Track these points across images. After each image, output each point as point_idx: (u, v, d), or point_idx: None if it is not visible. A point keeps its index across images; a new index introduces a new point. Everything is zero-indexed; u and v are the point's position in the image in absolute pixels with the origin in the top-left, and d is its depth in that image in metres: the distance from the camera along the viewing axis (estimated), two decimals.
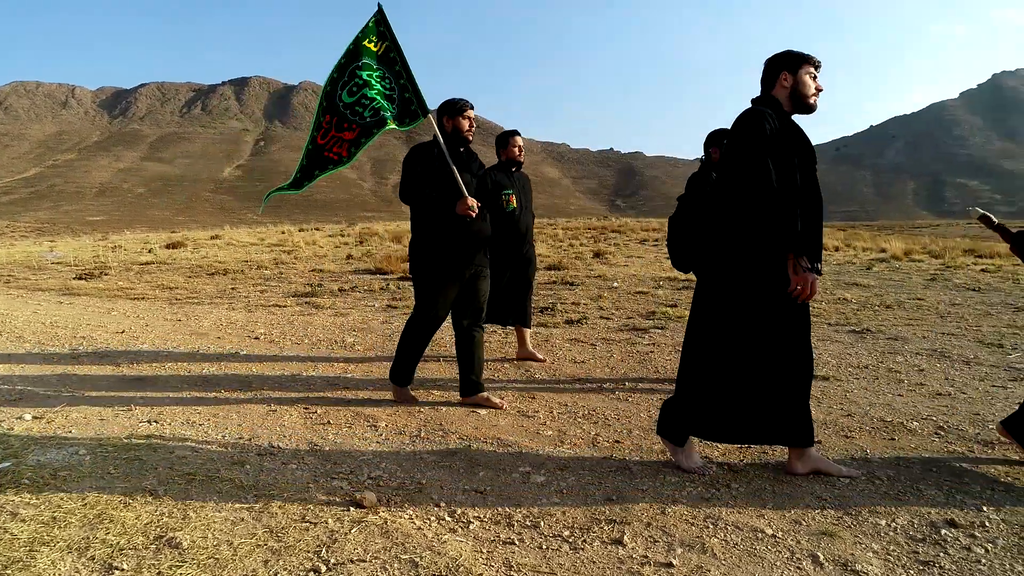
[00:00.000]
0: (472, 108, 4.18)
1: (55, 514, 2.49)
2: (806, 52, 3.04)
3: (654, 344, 6.20)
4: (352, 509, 2.61)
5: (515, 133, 5.42)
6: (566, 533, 2.46)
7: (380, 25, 4.12)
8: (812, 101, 3.03)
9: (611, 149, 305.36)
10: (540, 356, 5.58)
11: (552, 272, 12.29)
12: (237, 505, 2.63)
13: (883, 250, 15.52)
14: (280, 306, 8.73)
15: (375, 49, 4.13)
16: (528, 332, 5.68)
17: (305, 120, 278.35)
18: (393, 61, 4.18)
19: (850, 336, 6.57)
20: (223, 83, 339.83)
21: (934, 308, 8.10)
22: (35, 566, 2.12)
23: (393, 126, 4.09)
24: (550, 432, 3.67)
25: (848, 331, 6.82)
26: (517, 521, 2.55)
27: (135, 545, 2.27)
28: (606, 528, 2.49)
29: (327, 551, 2.27)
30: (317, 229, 32.60)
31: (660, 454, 3.32)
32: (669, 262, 14.17)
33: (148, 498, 2.66)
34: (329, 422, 3.80)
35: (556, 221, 33.43)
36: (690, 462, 3.08)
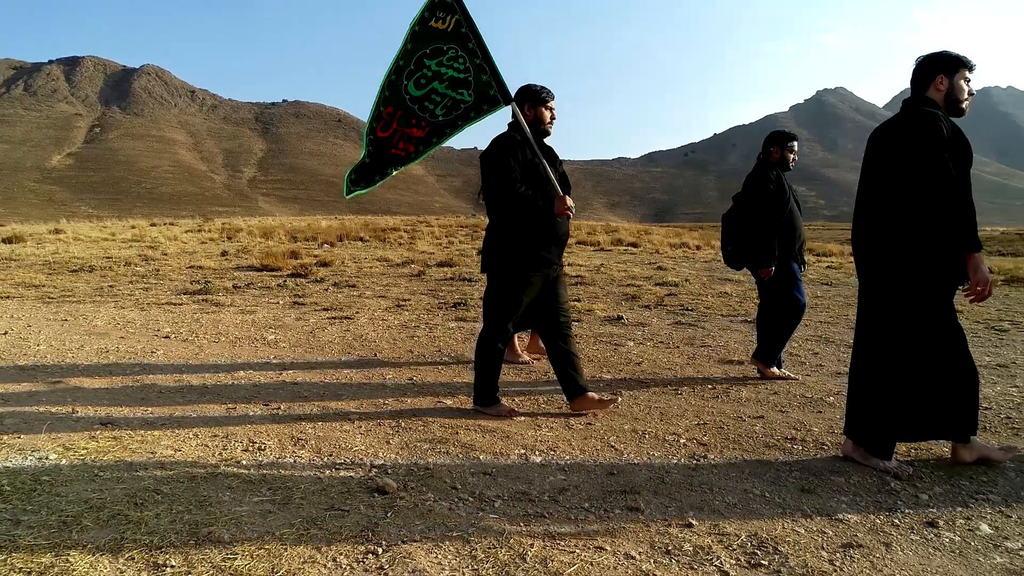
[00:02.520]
0: (554, 97, 3.89)
1: (63, 519, 2.34)
2: (961, 54, 3.03)
3: (576, 336, 6.51)
4: (377, 495, 2.65)
5: None
6: (586, 505, 2.65)
7: None
8: (964, 106, 3.05)
9: (475, 148, 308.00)
10: (525, 358, 5.43)
11: (446, 269, 12.42)
12: (256, 499, 2.59)
13: None
14: (175, 304, 8.24)
15: (443, 27, 3.67)
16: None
17: (148, 106, 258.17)
18: (466, 37, 3.68)
19: (745, 326, 7.22)
20: (50, 62, 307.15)
21: None
22: (75, 570, 2.01)
23: (468, 126, 3.73)
24: (523, 417, 3.84)
25: (742, 322, 7.49)
26: (536, 497, 2.71)
27: (173, 542, 2.20)
28: (618, 498, 2.71)
29: (373, 534, 2.32)
30: (172, 224, 30.48)
31: (632, 433, 3.59)
32: (582, 260, 14.53)
33: (157, 497, 2.55)
34: (300, 418, 3.75)
35: (425, 219, 33.44)
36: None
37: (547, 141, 3.94)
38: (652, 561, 2.20)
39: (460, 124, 3.73)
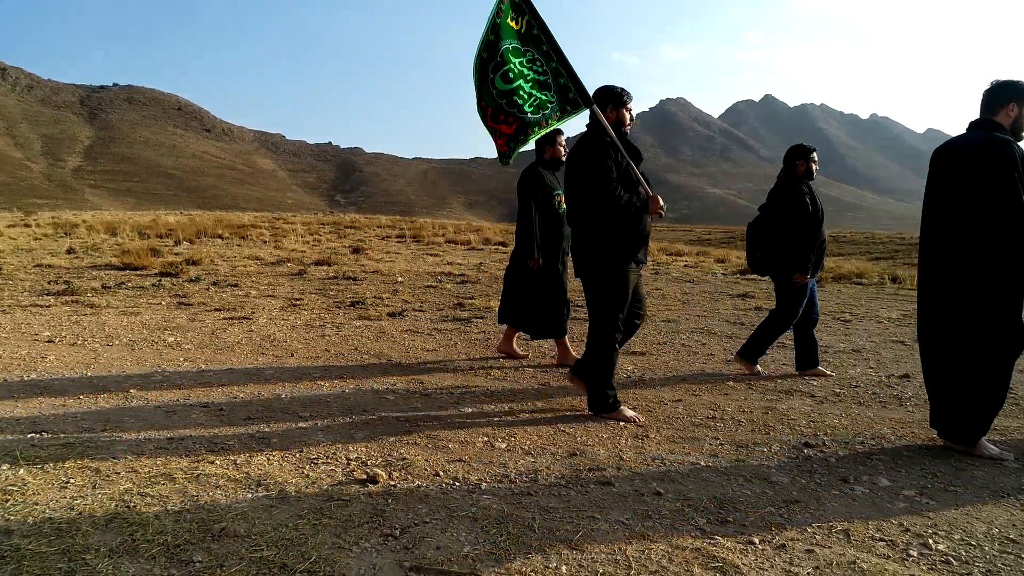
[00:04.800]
0: (632, 98, 3.90)
1: (56, 526, 2.25)
2: None
3: (485, 332, 6.76)
4: (370, 484, 2.76)
5: (559, 131, 5.18)
6: (563, 483, 2.90)
7: None
8: None
9: (330, 143, 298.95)
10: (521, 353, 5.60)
11: (326, 267, 12.24)
12: (250, 496, 2.61)
13: None
14: (42, 305, 7.56)
15: (517, 27, 3.61)
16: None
17: None
18: (539, 40, 3.61)
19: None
20: None
21: (676, 297, 9.84)
22: (99, 572, 1.98)
23: (558, 125, 3.66)
24: (469, 409, 4.03)
25: None
26: (515, 479, 2.92)
27: (189, 540, 2.20)
28: (589, 475, 2.99)
29: (384, 520, 2.44)
30: None
31: (575, 419, 3.89)
32: (458, 258, 14.86)
33: (147, 499, 2.50)
34: (249, 418, 3.71)
35: (282, 215, 32.28)
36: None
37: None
38: (640, 524, 2.50)
39: (549, 122, 3.68)
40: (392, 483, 2.80)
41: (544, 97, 3.67)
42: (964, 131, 3.45)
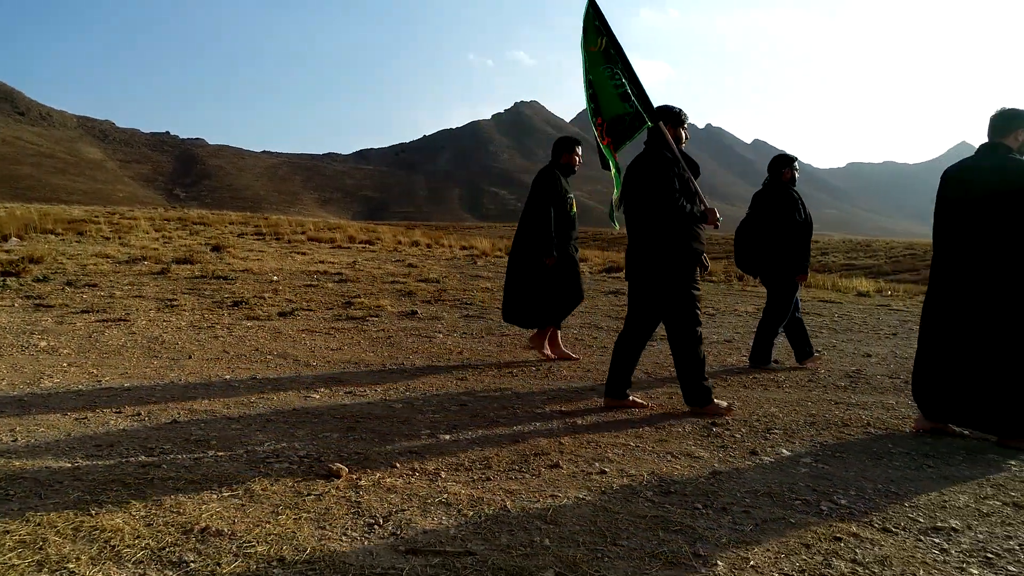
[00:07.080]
0: (688, 118, 4.22)
1: (19, 539, 2.11)
2: None
3: (385, 330, 6.78)
4: (334, 479, 2.78)
5: (579, 142, 5.72)
6: (516, 468, 3.08)
7: (596, 19, 3.80)
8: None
9: (167, 133, 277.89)
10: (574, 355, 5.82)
11: (190, 266, 11.59)
12: (215, 496, 2.56)
13: (467, 247, 18.16)
14: None
15: (595, 49, 3.92)
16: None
17: None
18: (615, 60, 3.90)
19: None
20: None
21: None
22: None
23: (626, 145, 3.92)
24: (400, 405, 4.10)
25: None
26: (471, 466, 3.06)
27: (171, 542, 2.15)
28: (537, 459, 3.19)
29: (361, 510, 2.49)
30: None
31: (504, 410, 4.08)
32: (328, 256, 14.66)
33: (107, 507, 2.39)
34: (174, 421, 3.56)
35: (116, 210, 29.87)
36: None
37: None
38: (597, 499, 2.73)
39: (623, 142, 4.01)
40: (355, 476, 2.85)
41: (623, 108, 4.01)
42: (975, 153, 3.89)
